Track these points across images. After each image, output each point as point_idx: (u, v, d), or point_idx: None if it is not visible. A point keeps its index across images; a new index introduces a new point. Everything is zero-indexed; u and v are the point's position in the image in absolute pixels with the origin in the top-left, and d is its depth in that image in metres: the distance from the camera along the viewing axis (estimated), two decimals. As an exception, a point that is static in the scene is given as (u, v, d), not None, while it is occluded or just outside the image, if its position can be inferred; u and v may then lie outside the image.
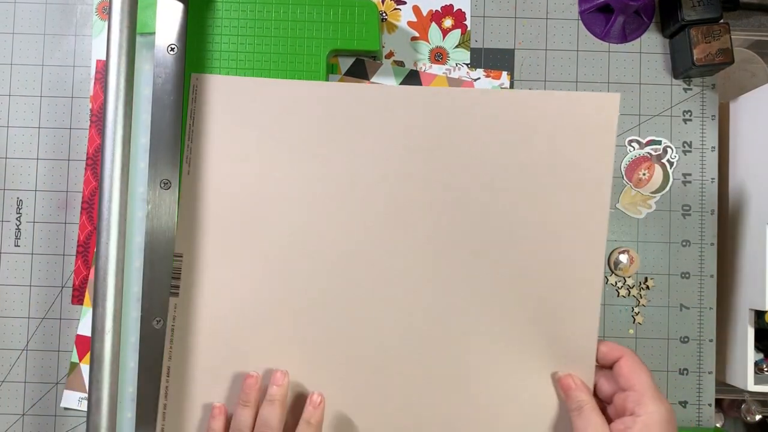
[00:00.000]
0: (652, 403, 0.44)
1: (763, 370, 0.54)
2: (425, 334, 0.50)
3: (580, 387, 0.48)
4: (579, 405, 0.47)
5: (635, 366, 0.46)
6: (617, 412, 0.47)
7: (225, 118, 0.51)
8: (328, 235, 0.50)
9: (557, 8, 0.58)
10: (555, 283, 0.49)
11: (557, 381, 0.49)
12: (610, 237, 0.57)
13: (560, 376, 0.49)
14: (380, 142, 0.50)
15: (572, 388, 0.48)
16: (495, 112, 0.49)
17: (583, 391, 0.47)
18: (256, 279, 0.50)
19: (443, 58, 0.58)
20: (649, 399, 0.44)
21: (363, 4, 0.53)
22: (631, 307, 0.57)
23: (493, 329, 0.50)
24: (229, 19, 0.53)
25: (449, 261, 0.50)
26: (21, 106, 0.57)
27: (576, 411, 0.47)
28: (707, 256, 0.57)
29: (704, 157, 0.57)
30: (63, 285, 0.56)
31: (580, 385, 0.48)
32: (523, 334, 0.49)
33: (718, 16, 0.54)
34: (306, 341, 0.50)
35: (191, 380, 0.50)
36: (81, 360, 0.56)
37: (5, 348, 0.56)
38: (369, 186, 0.50)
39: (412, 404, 0.50)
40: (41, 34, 0.57)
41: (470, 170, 0.50)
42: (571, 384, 0.48)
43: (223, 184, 0.51)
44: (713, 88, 0.57)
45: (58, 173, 0.57)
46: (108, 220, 0.45)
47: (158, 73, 0.52)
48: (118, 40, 0.46)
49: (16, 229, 0.57)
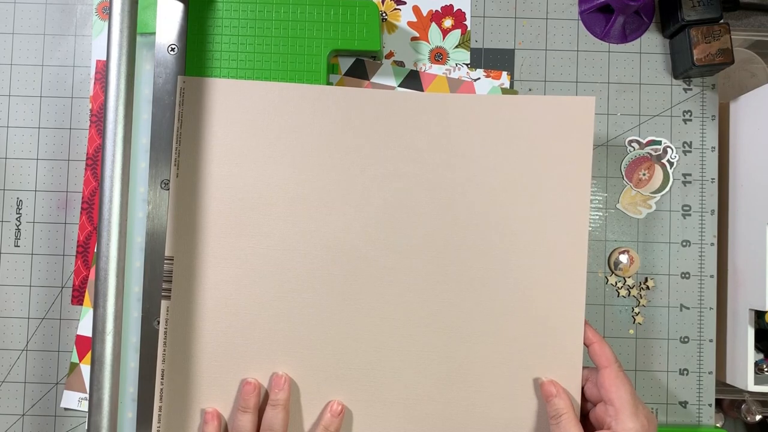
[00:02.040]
0: (629, 419, 0.44)
1: (763, 370, 0.54)
2: (419, 333, 0.50)
3: (561, 395, 0.48)
4: (558, 414, 0.47)
5: (617, 380, 0.46)
6: (597, 422, 0.48)
7: (214, 121, 0.51)
8: (321, 236, 0.50)
9: (557, 8, 0.58)
10: (541, 283, 0.50)
11: (540, 386, 0.49)
12: (610, 237, 0.57)
13: (543, 381, 0.49)
14: (371, 145, 0.51)
15: (553, 395, 0.48)
16: (479, 117, 0.50)
17: (564, 400, 0.47)
18: (249, 281, 0.50)
19: (443, 59, 0.58)
20: (626, 415, 0.45)
21: (363, 4, 0.53)
22: (631, 307, 0.57)
23: (484, 329, 0.50)
24: (229, 19, 0.53)
25: (441, 261, 0.50)
26: (21, 106, 0.57)
27: (554, 420, 0.47)
28: (707, 256, 0.57)
29: (704, 157, 0.57)
30: (63, 285, 0.56)
31: (561, 392, 0.48)
32: (511, 335, 0.50)
33: (718, 16, 0.54)
34: (301, 343, 0.50)
35: (186, 383, 0.50)
36: (81, 360, 0.56)
37: (5, 348, 0.56)
38: (362, 187, 0.51)
39: (405, 402, 0.50)
40: (41, 34, 0.57)
41: (458, 173, 0.50)
42: (552, 391, 0.48)
43: (213, 186, 0.51)
44: (713, 88, 0.58)
45: (58, 173, 0.57)
46: (108, 220, 0.45)
47: (158, 73, 0.52)
48: (119, 40, 0.45)
49: (16, 229, 0.57)
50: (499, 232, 0.50)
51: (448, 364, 0.50)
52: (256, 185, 0.51)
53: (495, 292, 0.50)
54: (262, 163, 0.51)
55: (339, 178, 0.51)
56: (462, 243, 0.50)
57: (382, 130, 0.51)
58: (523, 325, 0.50)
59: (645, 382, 0.56)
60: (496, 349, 0.50)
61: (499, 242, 0.50)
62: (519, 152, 0.50)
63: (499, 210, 0.50)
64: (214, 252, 0.51)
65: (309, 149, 0.51)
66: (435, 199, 0.50)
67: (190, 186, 0.51)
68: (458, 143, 0.51)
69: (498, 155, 0.50)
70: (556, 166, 0.50)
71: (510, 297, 0.50)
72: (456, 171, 0.51)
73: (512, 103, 0.51)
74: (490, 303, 0.50)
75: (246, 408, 0.48)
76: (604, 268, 0.57)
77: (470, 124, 0.51)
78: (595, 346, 0.48)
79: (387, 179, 0.51)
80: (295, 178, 0.51)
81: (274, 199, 0.51)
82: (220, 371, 0.50)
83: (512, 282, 0.50)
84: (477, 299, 0.50)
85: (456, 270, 0.50)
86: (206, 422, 0.49)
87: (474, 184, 0.50)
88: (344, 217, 0.51)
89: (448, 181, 0.50)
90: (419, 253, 0.50)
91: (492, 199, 0.50)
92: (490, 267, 0.50)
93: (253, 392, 0.49)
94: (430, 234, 0.50)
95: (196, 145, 0.51)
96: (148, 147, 0.52)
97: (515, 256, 0.50)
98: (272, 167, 0.51)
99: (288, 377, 0.49)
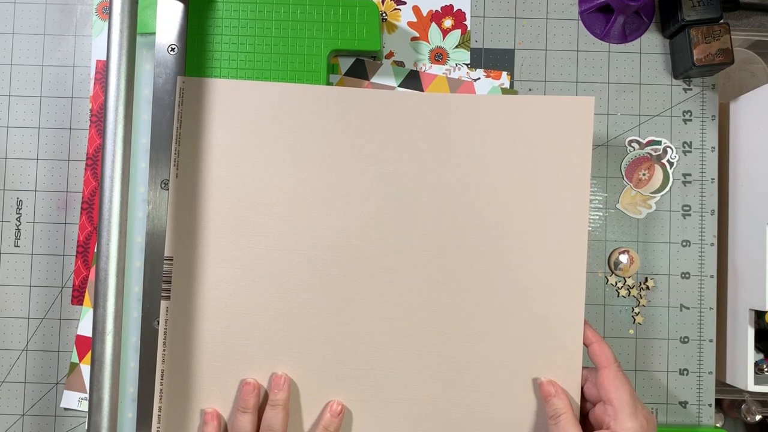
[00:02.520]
0: (628, 419, 0.45)
1: (763, 370, 0.54)
2: (419, 333, 0.50)
3: (560, 395, 0.48)
4: (556, 414, 0.47)
5: (616, 380, 0.46)
6: (596, 422, 0.48)
7: (213, 121, 0.51)
8: (320, 236, 0.50)
9: (557, 8, 0.58)
10: (541, 283, 0.50)
11: (539, 386, 0.49)
12: (610, 237, 0.57)
13: (542, 381, 0.49)
14: (371, 145, 0.51)
15: (551, 395, 0.48)
16: (478, 117, 0.51)
17: (563, 400, 0.47)
18: (249, 282, 0.50)
19: (443, 59, 0.58)
20: (625, 415, 0.45)
21: (363, 4, 0.53)
22: (631, 307, 0.57)
23: (483, 329, 0.50)
24: (229, 19, 0.53)
25: (441, 261, 0.50)
26: (21, 106, 0.57)
27: (553, 420, 0.47)
28: (707, 256, 0.57)
29: (704, 157, 0.57)
30: (63, 285, 0.56)
31: (560, 392, 0.48)
32: (511, 335, 0.50)
33: (718, 17, 0.54)
34: (300, 343, 0.50)
35: (185, 383, 0.50)
36: (81, 360, 0.56)
37: (5, 348, 0.56)
38: (362, 187, 0.51)
39: (405, 402, 0.50)
40: (41, 34, 0.57)
41: (457, 173, 0.51)
42: (551, 391, 0.48)
43: (212, 186, 0.51)
44: (713, 88, 0.58)
45: (58, 173, 0.57)
46: (108, 220, 0.45)
47: (158, 73, 0.52)
48: (119, 40, 0.45)
49: (16, 229, 0.57)
50: (498, 231, 0.50)
51: (447, 364, 0.50)
52: (255, 185, 0.51)
53: (495, 292, 0.50)
54: (261, 164, 0.51)
55: (339, 179, 0.51)
56: (462, 243, 0.50)
57: (382, 130, 0.51)
58: (523, 325, 0.50)
59: (645, 382, 0.56)
60: (495, 349, 0.50)
61: (498, 242, 0.50)
62: (518, 152, 0.50)
63: (498, 210, 0.50)
64: (213, 252, 0.51)
65: (309, 149, 0.51)
66: (434, 199, 0.50)
67: (190, 186, 0.51)
68: (458, 143, 0.51)
69: (497, 155, 0.50)
70: (556, 165, 0.50)
71: (510, 297, 0.50)
72: (456, 171, 0.51)
73: (512, 103, 0.51)
74: (489, 303, 0.50)
75: (245, 408, 0.48)
76: (604, 268, 0.57)
77: (470, 124, 0.51)
78: (595, 346, 0.48)
79: (387, 179, 0.51)
80: (295, 178, 0.51)
81: (274, 199, 0.51)
82: (219, 371, 0.50)
83: (512, 282, 0.50)
84: (477, 299, 0.50)
85: (455, 270, 0.50)
86: (206, 423, 0.49)
87: (474, 184, 0.50)
88: (344, 217, 0.51)
89: (447, 181, 0.50)
90: (419, 253, 0.50)
91: (492, 199, 0.50)
92: (490, 267, 0.50)
93: (252, 392, 0.49)
94: (429, 234, 0.50)
95: (195, 146, 0.51)
96: (148, 147, 0.52)
97: (515, 255, 0.50)
98: (272, 167, 0.51)
99: (287, 377, 0.49)
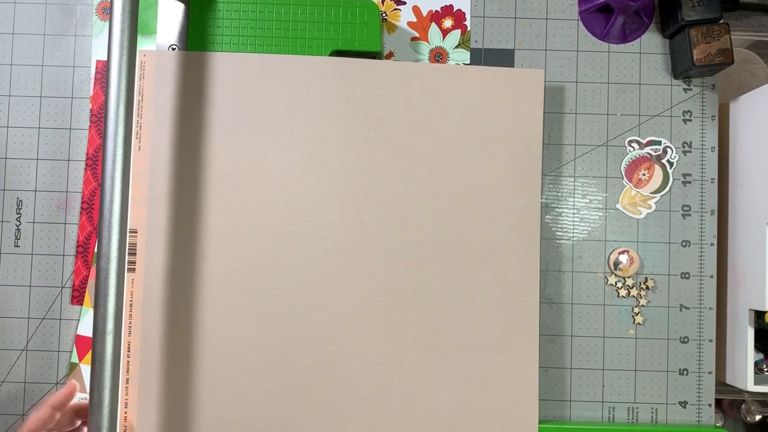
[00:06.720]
0: None
1: (763, 370, 0.54)
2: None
3: None
4: None
5: None
6: None
7: (175, 94, 0.52)
8: (284, 206, 0.52)
9: (557, 8, 0.58)
10: (498, 245, 0.52)
11: None
12: (610, 237, 0.57)
13: None
14: (331, 112, 0.52)
15: None
16: (438, 86, 0.53)
17: None
18: (214, 252, 0.51)
19: (443, 58, 0.58)
20: None
21: (364, 4, 0.53)
22: (631, 307, 0.57)
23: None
24: (229, 20, 0.53)
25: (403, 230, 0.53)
26: (21, 106, 0.57)
27: None
28: (707, 256, 0.57)
29: (704, 158, 0.57)
30: (63, 285, 0.56)
31: None
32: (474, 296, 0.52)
33: (718, 17, 0.54)
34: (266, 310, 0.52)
35: (149, 356, 0.51)
36: (81, 360, 0.56)
37: (5, 348, 0.56)
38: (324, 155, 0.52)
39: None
40: (41, 34, 0.57)
41: (418, 142, 0.53)
42: None
43: (176, 158, 0.52)
44: (713, 88, 0.58)
45: (58, 173, 0.57)
46: (109, 220, 0.45)
47: (158, 73, 0.52)
48: (119, 41, 0.46)
49: (15, 229, 0.57)
50: (458, 197, 0.53)
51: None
52: (216, 156, 0.52)
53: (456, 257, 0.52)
54: (224, 134, 0.52)
55: (301, 146, 0.52)
56: (423, 210, 0.52)
57: (344, 97, 0.52)
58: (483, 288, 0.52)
59: (645, 382, 0.56)
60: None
61: (458, 207, 0.52)
62: (475, 119, 0.53)
63: (458, 174, 0.53)
64: (177, 224, 0.52)
65: (271, 119, 0.52)
66: (397, 165, 0.52)
67: (153, 158, 0.52)
68: (417, 111, 0.53)
69: (455, 124, 0.53)
70: (510, 135, 0.53)
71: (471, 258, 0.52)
72: (417, 140, 0.52)
73: (469, 73, 0.53)
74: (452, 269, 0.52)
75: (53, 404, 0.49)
76: (603, 268, 0.57)
77: (429, 92, 0.53)
78: None
79: (348, 147, 0.52)
80: (259, 147, 0.52)
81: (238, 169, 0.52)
82: (182, 346, 0.51)
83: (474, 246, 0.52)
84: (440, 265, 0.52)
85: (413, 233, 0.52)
86: None
87: (434, 154, 0.53)
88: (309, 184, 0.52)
89: (409, 148, 0.52)
90: (379, 221, 0.52)
91: (451, 167, 0.53)
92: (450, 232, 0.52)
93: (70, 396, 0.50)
94: (392, 198, 0.52)
95: (159, 118, 0.52)
96: (148, 147, 0.52)
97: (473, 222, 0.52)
98: (233, 138, 0.52)
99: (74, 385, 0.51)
